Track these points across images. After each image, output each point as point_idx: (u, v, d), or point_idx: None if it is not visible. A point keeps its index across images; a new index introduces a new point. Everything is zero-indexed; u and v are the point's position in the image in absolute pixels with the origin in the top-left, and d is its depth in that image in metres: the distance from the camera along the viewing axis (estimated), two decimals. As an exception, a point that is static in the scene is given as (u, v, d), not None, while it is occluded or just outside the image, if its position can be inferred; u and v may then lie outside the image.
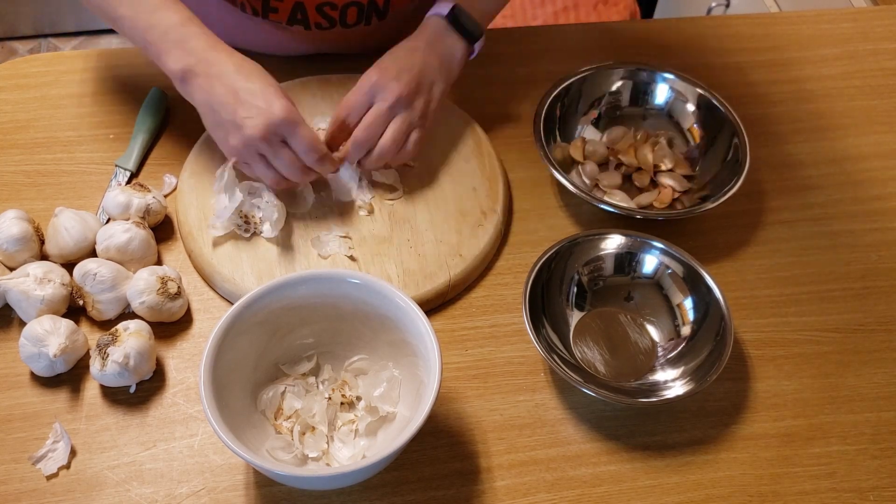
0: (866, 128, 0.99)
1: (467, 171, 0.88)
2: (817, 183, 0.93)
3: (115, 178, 0.87)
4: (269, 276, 0.79)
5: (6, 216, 0.79)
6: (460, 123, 0.92)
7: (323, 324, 0.73)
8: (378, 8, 0.93)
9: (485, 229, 0.84)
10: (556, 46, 1.04)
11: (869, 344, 0.81)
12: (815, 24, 1.11)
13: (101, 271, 0.75)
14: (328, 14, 0.92)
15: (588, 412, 0.75)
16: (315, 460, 0.69)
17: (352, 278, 0.70)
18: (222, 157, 0.82)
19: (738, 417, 0.75)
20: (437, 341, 0.65)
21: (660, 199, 0.88)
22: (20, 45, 2.32)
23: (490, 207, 0.86)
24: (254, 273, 0.79)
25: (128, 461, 0.70)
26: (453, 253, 0.82)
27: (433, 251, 0.82)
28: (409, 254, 0.81)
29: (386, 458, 0.62)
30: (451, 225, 0.84)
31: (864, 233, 0.89)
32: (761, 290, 0.84)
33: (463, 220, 0.84)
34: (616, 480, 0.71)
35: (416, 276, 0.80)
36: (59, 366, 0.73)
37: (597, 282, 0.81)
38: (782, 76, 1.04)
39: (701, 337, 0.77)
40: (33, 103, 0.94)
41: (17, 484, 0.69)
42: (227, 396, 0.65)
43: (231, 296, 0.79)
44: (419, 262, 0.81)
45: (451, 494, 0.70)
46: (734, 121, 0.89)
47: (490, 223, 0.84)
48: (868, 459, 0.74)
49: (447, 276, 0.80)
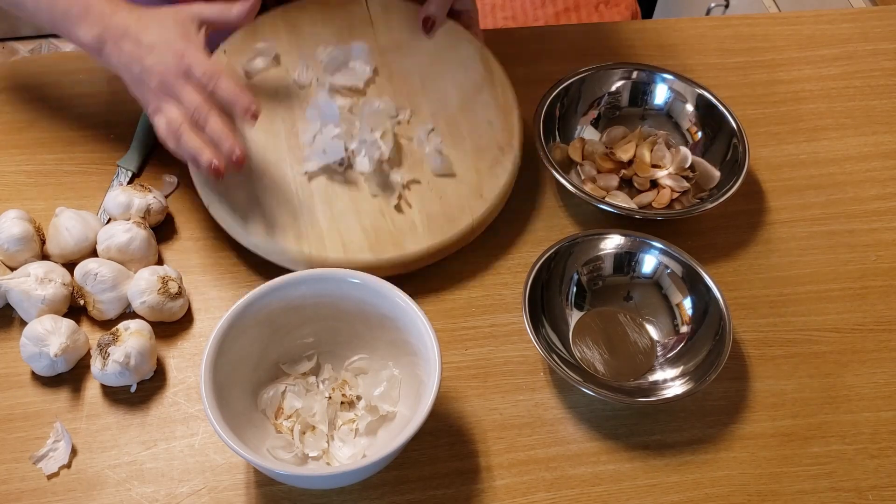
0: (866, 128, 0.99)
1: (480, 102, 0.85)
2: (817, 183, 0.93)
3: (116, 178, 0.87)
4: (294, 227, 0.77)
5: (7, 216, 0.79)
6: (469, 48, 0.88)
7: (323, 323, 0.73)
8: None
9: (503, 167, 0.82)
10: (556, 47, 1.05)
11: (867, 344, 0.81)
12: (815, 24, 1.11)
13: (101, 271, 0.75)
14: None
15: (587, 411, 0.75)
16: (315, 459, 0.69)
17: (352, 278, 0.70)
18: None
19: (736, 417, 0.76)
20: (437, 341, 0.66)
21: (659, 199, 0.88)
22: (21, 46, 2.32)
23: (507, 142, 0.83)
24: (278, 225, 0.77)
25: (128, 460, 0.70)
26: (475, 194, 0.80)
27: (454, 193, 0.80)
28: (430, 197, 0.80)
29: (386, 457, 0.62)
30: (469, 164, 0.82)
31: (863, 233, 0.89)
32: (760, 289, 0.84)
33: (480, 158, 0.82)
34: (615, 479, 0.72)
35: (439, 219, 0.79)
36: (59, 365, 0.73)
37: (596, 281, 0.81)
38: (782, 76, 1.04)
39: (700, 337, 0.77)
40: (34, 103, 0.94)
41: (18, 483, 0.69)
42: (228, 396, 0.66)
43: (257, 247, 0.78)
44: (441, 205, 0.80)
45: (450, 493, 0.70)
46: (734, 121, 0.90)
47: (508, 160, 0.82)
48: (867, 459, 0.74)
49: (470, 219, 0.80)
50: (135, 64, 0.75)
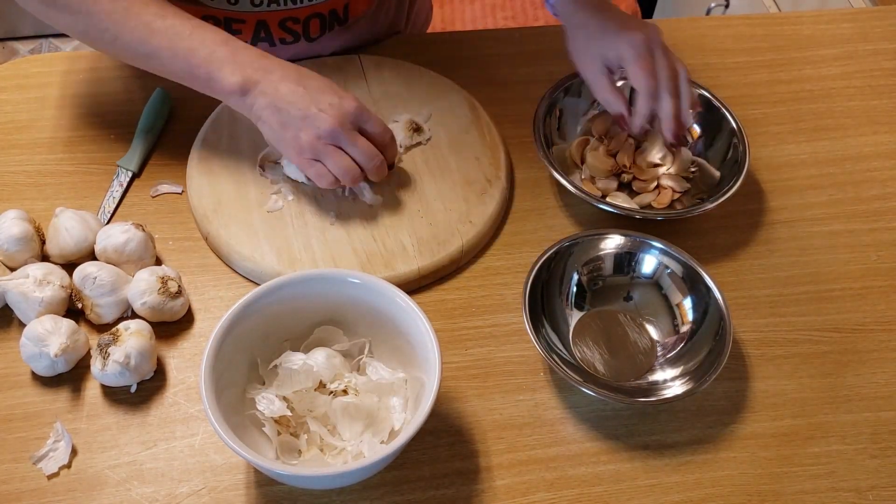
0: (866, 128, 0.99)
1: (468, 141, 0.91)
2: (817, 183, 0.93)
3: (116, 178, 0.87)
4: (287, 251, 0.81)
5: (7, 216, 0.79)
6: (456, 96, 0.95)
7: (323, 323, 0.73)
8: (338, 17, 0.94)
9: (491, 196, 0.87)
10: (557, 47, 1.04)
11: (868, 344, 0.81)
12: (815, 24, 1.11)
13: (100, 275, 0.75)
14: (291, 28, 0.93)
15: (587, 412, 0.75)
16: (315, 459, 0.69)
17: (352, 278, 0.70)
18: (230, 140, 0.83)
19: (737, 417, 0.76)
20: (437, 341, 0.66)
21: (659, 199, 0.88)
22: (21, 46, 2.33)
23: (494, 175, 0.88)
24: (272, 250, 0.81)
25: (128, 460, 0.70)
26: (463, 220, 0.84)
27: (444, 219, 0.84)
28: (420, 223, 0.84)
29: (386, 457, 0.62)
30: (458, 193, 0.87)
31: (864, 233, 0.89)
32: (760, 289, 0.84)
33: (469, 189, 0.87)
34: (615, 479, 0.71)
35: (430, 244, 0.82)
36: (60, 365, 0.73)
37: (596, 282, 0.81)
38: (782, 76, 1.04)
39: (700, 337, 0.77)
40: (34, 103, 0.94)
41: (18, 483, 0.69)
42: (228, 396, 0.65)
43: (251, 274, 0.81)
44: (431, 230, 0.83)
45: (450, 493, 0.70)
46: (734, 121, 0.90)
47: (496, 189, 0.87)
48: (867, 459, 0.74)
49: (460, 243, 0.83)
50: (293, 108, 0.77)
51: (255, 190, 0.84)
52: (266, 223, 0.83)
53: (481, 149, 0.90)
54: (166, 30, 0.77)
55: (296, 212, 0.84)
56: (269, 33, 0.93)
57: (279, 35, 0.93)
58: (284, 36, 0.94)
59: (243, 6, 0.90)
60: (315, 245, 0.82)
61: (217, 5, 0.90)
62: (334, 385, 0.70)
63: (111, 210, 0.85)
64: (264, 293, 0.68)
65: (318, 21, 0.93)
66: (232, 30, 0.92)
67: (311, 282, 0.70)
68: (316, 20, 0.93)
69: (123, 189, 0.87)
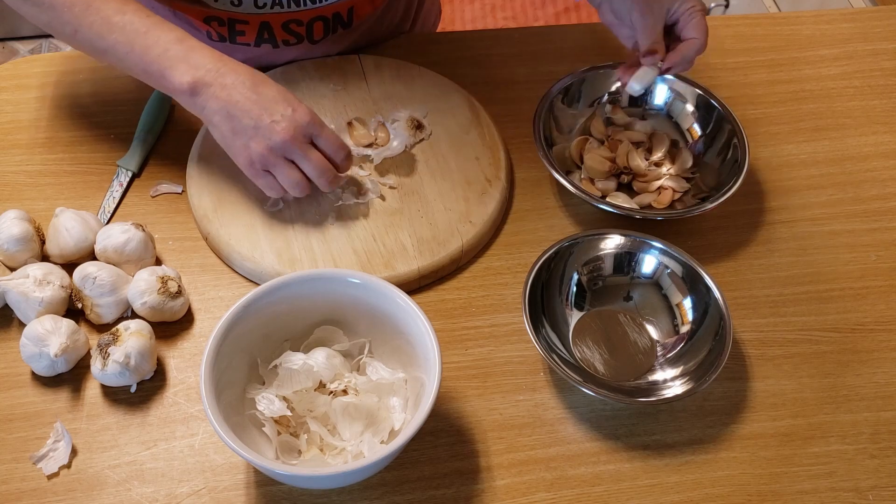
0: (865, 128, 0.99)
1: (468, 141, 0.91)
2: (817, 183, 0.93)
3: (116, 178, 0.87)
4: (287, 251, 0.81)
5: (7, 216, 0.79)
6: (456, 96, 0.95)
7: (323, 323, 0.73)
8: (343, 20, 0.94)
9: (490, 196, 0.87)
10: (557, 47, 1.05)
11: (868, 344, 0.81)
12: (815, 24, 1.11)
13: (100, 275, 0.75)
14: (294, 31, 0.93)
15: (587, 411, 0.75)
16: (315, 459, 0.69)
17: (352, 278, 0.70)
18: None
19: (737, 417, 0.76)
20: (437, 341, 0.66)
21: (659, 199, 0.88)
22: (21, 46, 2.33)
23: (494, 175, 0.88)
24: (273, 250, 0.81)
25: (128, 460, 0.70)
26: (463, 220, 0.84)
27: (444, 219, 0.85)
28: (420, 223, 0.84)
29: (386, 457, 0.62)
30: (458, 193, 0.87)
31: (863, 233, 0.89)
32: (760, 289, 0.84)
33: (469, 189, 0.87)
34: (615, 479, 0.72)
35: (430, 243, 0.82)
36: (60, 365, 0.73)
37: (596, 282, 0.81)
38: (782, 76, 1.04)
39: (700, 337, 0.77)
40: (34, 103, 0.94)
41: (19, 483, 0.69)
42: (228, 396, 0.66)
43: (251, 274, 0.81)
44: (431, 230, 0.84)
45: (450, 493, 0.70)
46: (734, 121, 0.90)
47: (495, 190, 0.87)
48: (867, 459, 0.74)
49: (460, 243, 0.83)
50: (246, 116, 0.76)
51: (255, 190, 0.84)
52: (266, 223, 0.83)
53: (481, 149, 0.90)
54: (124, 25, 0.77)
55: (296, 212, 0.84)
56: (272, 35, 0.93)
57: (282, 37, 0.93)
58: (288, 38, 0.94)
59: (247, 7, 0.90)
60: (315, 245, 0.82)
61: (221, 6, 0.90)
62: (334, 385, 0.70)
63: (111, 210, 0.85)
64: (264, 293, 0.68)
65: (321, 24, 0.93)
66: (235, 31, 0.92)
67: (311, 282, 0.70)
68: (319, 23, 0.93)
69: (123, 189, 0.87)
